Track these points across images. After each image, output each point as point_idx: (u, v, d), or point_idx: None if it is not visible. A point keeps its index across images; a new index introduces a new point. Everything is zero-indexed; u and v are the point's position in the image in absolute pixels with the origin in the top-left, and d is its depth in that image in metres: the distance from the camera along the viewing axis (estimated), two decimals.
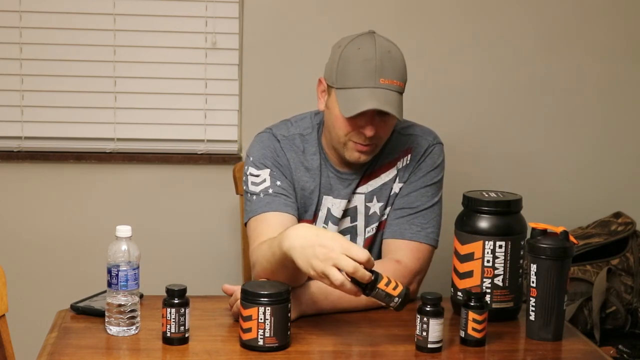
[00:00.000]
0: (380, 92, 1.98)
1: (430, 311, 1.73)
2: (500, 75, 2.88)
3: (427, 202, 2.11)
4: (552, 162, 2.94)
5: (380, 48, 2.01)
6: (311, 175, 2.14)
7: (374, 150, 2.07)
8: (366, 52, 2.00)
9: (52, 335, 1.80)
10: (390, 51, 2.02)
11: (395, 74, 2.01)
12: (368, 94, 1.98)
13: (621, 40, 2.89)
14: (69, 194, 2.81)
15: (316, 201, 2.14)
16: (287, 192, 2.09)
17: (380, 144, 2.08)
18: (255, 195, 2.09)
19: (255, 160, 2.13)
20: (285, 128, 2.17)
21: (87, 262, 2.79)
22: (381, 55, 2.00)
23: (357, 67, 2.00)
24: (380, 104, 1.96)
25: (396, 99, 2.00)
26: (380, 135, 2.04)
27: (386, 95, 1.98)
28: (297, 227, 1.80)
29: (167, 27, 2.76)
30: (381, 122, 2.02)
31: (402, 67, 2.04)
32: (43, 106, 2.78)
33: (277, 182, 2.09)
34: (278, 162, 2.12)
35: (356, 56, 2.01)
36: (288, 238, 1.77)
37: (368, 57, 2.00)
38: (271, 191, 2.08)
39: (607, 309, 2.59)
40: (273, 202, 2.07)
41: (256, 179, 2.11)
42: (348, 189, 2.14)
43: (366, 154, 2.06)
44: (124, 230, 1.76)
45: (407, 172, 2.14)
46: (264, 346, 1.71)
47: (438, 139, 2.18)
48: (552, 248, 1.81)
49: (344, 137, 2.05)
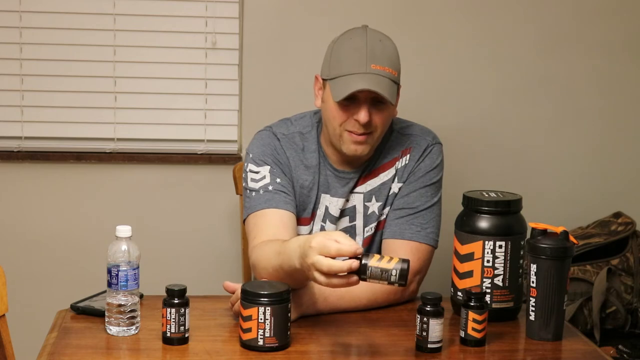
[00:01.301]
0: (371, 75, 1.99)
1: (430, 311, 1.73)
2: (500, 75, 2.88)
3: (427, 202, 2.12)
4: (552, 162, 2.94)
5: (371, 37, 2.03)
6: (310, 173, 2.14)
7: (370, 141, 2.06)
8: (357, 41, 2.03)
9: (52, 335, 1.80)
10: (381, 40, 2.04)
11: (386, 61, 2.01)
12: (359, 77, 1.99)
13: (621, 40, 2.89)
14: (69, 194, 2.81)
15: (314, 199, 2.14)
16: (286, 190, 2.09)
17: (377, 136, 2.07)
18: (255, 191, 2.09)
19: (255, 157, 2.13)
20: (285, 126, 2.17)
21: (87, 262, 2.79)
22: (372, 44, 2.02)
23: (349, 55, 2.02)
24: (371, 85, 1.97)
25: (388, 84, 2.00)
26: (375, 124, 2.03)
27: (378, 79, 1.99)
28: (297, 239, 1.79)
29: (167, 27, 2.76)
30: (376, 110, 2.02)
31: (395, 57, 2.05)
32: (43, 106, 2.78)
33: (277, 179, 2.09)
34: (278, 160, 2.12)
35: (348, 46, 2.04)
36: (292, 254, 1.76)
37: (359, 46, 2.02)
38: (271, 188, 2.08)
39: (607, 309, 2.59)
40: (273, 199, 2.07)
41: (256, 176, 2.11)
42: (346, 187, 2.14)
43: (363, 145, 2.05)
44: (124, 230, 1.76)
45: (406, 172, 2.14)
46: (264, 346, 1.71)
47: (437, 138, 2.18)
48: (552, 248, 1.81)
49: (339, 128, 2.05)
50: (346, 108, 2.02)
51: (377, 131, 2.06)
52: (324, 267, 1.66)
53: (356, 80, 1.99)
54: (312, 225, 2.16)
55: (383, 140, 2.14)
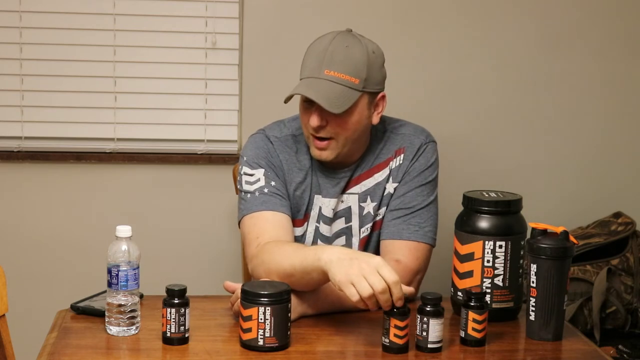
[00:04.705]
0: (317, 81, 2.00)
1: (430, 311, 1.73)
2: (501, 75, 2.88)
3: (423, 201, 2.11)
4: (552, 161, 2.94)
5: (338, 42, 2.03)
6: (303, 175, 2.14)
7: (335, 147, 2.05)
8: (322, 45, 2.04)
9: (52, 335, 1.80)
10: (349, 46, 2.02)
11: (343, 67, 2.00)
12: (305, 83, 2.01)
13: (622, 40, 2.89)
14: (69, 194, 2.81)
15: (307, 201, 2.14)
16: (281, 193, 2.10)
17: (342, 142, 2.05)
18: (250, 193, 2.09)
19: (249, 159, 2.14)
20: (278, 129, 2.18)
21: (87, 262, 2.79)
22: (335, 48, 2.01)
23: (310, 58, 2.04)
24: (305, 91, 1.99)
25: (334, 90, 1.98)
26: (334, 130, 2.03)
27: (322, 85, 1.99)
28: (334, 245, 1.80)
29: (167, 27, 2.76)
30: (333, 117, 2.01)
31: (360, 63, 2.01)
32: (43, 106, 2.78)
33: (272, 182, 2.10)
34: (272, 163, 2.12)
35: (313, 49, 2.05)
36: (326, 252, 1.77)
37: (320, 50, 2.02)
38: (266, 190, 2.08)
39: (607, 309, 2.59)
40: (269, 201, 2.07)
41: (250, 178, 2.11)
42: (337, 187, 2.14)
43: (326, 151, 2.06)
44: (124, 230, 1.76)
45: (400, 172, 2.13)
46: (264, 346, 1.71)
47: (431, 137, 2.18)
48: (552, 248, 1.81)
49: (305, 130, 2.08)
50: (307, 110, 2.04)
51: (340, 137, 2.04)
52: (379, 285, 1.68)
53: (302, 85, 2.01)
54: (306, 227, 2.16)
55: (376, 140, 2.15)
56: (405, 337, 1.73)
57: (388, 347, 1.74)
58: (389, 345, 1.73)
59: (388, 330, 1.73)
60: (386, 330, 1.73)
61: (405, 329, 1.73)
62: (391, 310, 1.72)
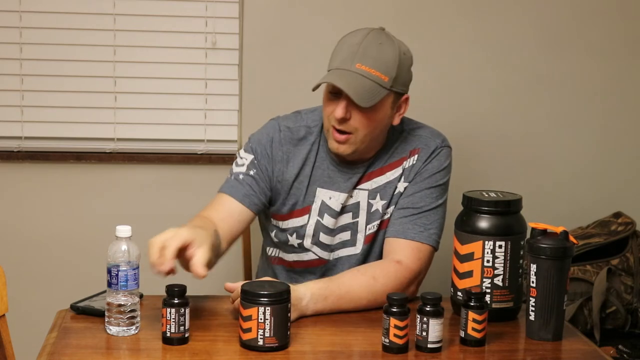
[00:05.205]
0: (348, 73, 1.99)
1: (430, 311, 1.73)
2: (501, 74, 2.88)
3: (432, 203, 2.11)
4: (552, 161, 2.94)
5: (373, 38, 2.03)
6: (300, 166, 2.14)
7: (353, 142, 2.05)
8: (356, 38, 2.03)
9: (52, 335, 1.80)
10: (382, 44, 2.02)
11: (375, 63, 2.00)
12: (336, 73, 2.00)
13: (621, 40, 2.90)
14: (69, 194, 2.81)
15: (305, 192, 2.14)
16: (254, 184, 2.13)
17: (360, 138, 2.05)
18: (233, 174, 2.16)
19: (250, 142, 2.18)
20: (294, 120, 2.18)
21: (87, 262, 2.79)
22: (368, 44, 2.01)
23: (342, 50, 2.04)
24: (340, 82, 1.97)
25: (364, 85, 1.98)
26: (354, 125, 2.03)
27: (353, 78, 1.98)
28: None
29: (167, 27, 2.76)
30: (357, 111, 2.01)
31: (391, 62, 2.02)
32: (43, 106, 2.78)
33: (251, 171, 2.13)
34: (266, 153, 2.14)
35: (346, 42, 2.05)
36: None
37: (355, 43, 2.02)
38: (241, 177, 2.13)
39: (607, 309, 2.59)
40: (236, 187, 2.12)
41: (239, 161, 2.17)
42: (349, 182, 2.14)
43: (344, 145, 2.06)
44: (124, 230, 1.76)
45: (412, 172, 2.13)
46: (264, 346, 1.71)
47: (447, 142, 2.18)
48: (552, 248, 1.81)
49: (327, 122, 2.07)
50: (332, 102, 2.04)
51: (359, 133, 2.04)
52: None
53: (332, 74, 2.00)
54: (307, 219, 2.16)
55: (392, 139, 2.15)
56: (405, 337, 1.73)
57: (388, 347, 1.74)
58: (389, 345, 1.73)
59: (388, 330, 1.73)
60: (386, 330, 1.73)
61: (405, 329, 1.73)
62: (391, 310, 1.72)
